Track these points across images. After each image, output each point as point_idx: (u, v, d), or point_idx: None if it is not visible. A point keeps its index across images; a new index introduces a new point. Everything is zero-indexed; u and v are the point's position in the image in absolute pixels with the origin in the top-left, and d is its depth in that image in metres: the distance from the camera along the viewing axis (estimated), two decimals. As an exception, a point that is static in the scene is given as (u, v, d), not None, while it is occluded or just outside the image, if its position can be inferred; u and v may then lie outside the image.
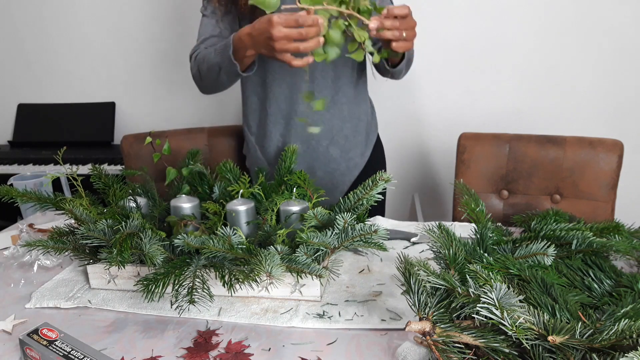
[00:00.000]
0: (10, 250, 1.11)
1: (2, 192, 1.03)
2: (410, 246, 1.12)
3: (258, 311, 0.88)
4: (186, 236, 0.91)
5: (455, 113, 2.21)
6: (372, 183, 0.96)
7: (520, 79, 2.15)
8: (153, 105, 2.55)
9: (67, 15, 2.46)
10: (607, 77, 2.09)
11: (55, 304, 0.93)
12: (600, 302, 0.78)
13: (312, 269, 0.83)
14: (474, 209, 0.99)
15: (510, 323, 0.62)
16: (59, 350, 0.72)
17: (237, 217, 0.98)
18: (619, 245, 0.88)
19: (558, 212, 1.05)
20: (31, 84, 2.61)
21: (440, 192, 2.31)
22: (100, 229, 0.94)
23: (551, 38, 2.07)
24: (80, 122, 2.54)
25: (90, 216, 0.98)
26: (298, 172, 1.07)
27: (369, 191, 0.95)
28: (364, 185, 0.97)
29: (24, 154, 2.44)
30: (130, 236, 0.89)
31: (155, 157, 1.14)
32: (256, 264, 0.81)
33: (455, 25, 2.12)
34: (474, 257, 0.84)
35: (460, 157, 1.51)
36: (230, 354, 0.77)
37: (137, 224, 0.93)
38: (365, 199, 0.96)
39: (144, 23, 2.38)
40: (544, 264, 0.83)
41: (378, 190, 0.95)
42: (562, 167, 1.43)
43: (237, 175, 1.12)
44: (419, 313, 0.70)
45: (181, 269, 0.87)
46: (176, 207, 1.04)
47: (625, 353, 0.57)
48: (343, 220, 0.89)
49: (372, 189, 0.95)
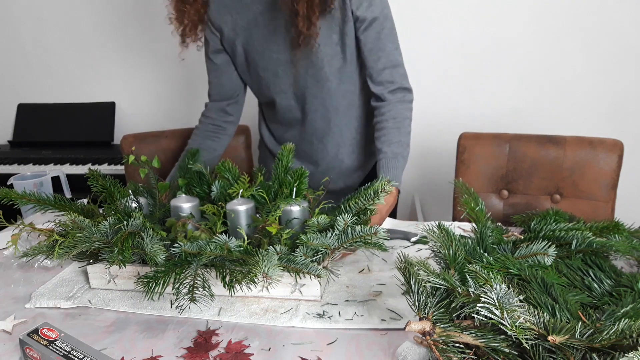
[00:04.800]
0: (10, 250, 1.11)
1: (2, 194, 1.03)
2: (410, 246, 1.12)
3: (258, 311, 0.88)
4: (184, 239, 0.91)
5: (455, 113, 2.21)
6: (373, 194, 0.95)
7: (520, 79, 2.15)
8: (153, 105, 2.55)
9: (67, 15, 2.46)
10: (607, 77, 2.09)
11: (55, 304, 0.93)
12: (600, 302, 0.77)
13: (311, 269, 0.83)
14: (474, 208, 0.99)
15: (510, 323, 0.62)
16: (59, 350, 0.72)
17: (237, 217, 0.98)
18: (619, 245, 0.88)
19: (558, 212, 1.06)
20: (31, 84, 2.61)
21: (440, 192, 2.31)
22: (102, 230, 0.93)
23: (551, 38, 2.08)
24: (80, 122, 2.54)
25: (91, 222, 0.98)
26: (295, 170, 1.06)
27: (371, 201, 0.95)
28: (366, 194, 0.96)
29: (24, 154, 2.45)
30: (131, 235, 0.89)
31: (142, 173, 1.14)
32: (253, 265, 0.81)
33: (455, 25, 2.12)
34: (473, 256, 0.84)
35: (460, 157, 1.51)
36: (230, 353, 0.77)
37: (138, 223, 0.93)
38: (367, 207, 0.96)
39: (144, 23, 2.38)
40: (544, 264, 0.83)
41: (380, 201, 0.95)
42: (562, 167, 1.43)
43: (236, 175, 1.12)
44: (419, 313, 0.70)
45: (182, 268, 0.87)
46: (176, 207, 1.04)
47: (625, 353, 0.57)
48: (344, 222, 0.89)
49: (374, 199, 0.95)
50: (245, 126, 1.77)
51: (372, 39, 1.15)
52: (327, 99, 1.25)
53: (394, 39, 1.18)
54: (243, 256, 0.86)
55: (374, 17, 1.13)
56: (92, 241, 0.91)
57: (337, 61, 1.19)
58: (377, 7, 1.13)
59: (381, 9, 1.14)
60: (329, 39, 1.15)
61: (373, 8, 1.13)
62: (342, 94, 1.25)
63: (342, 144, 1.32)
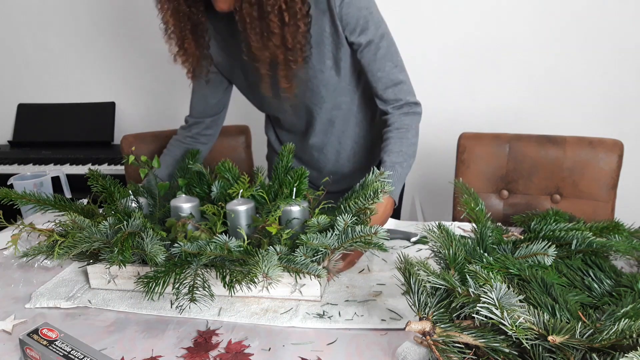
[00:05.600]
0: (10, 250, 1.11)
1: (2, 194, 1.03)
2: (410, 246, 1.12)
3: (258, 311, 0.88)
4: (184, 240, 0.91)
5: (455, 113, 2.21)
6: (373, 194, 0.95)
7: (520, 79, 2.15)
8: (153, 105, 2.55)
9: (67, 15, 2.46)
10: (607, 77, 2.09)
11: (55, 304, 0.93)
12: (600, 302, 0.77)
13: (311, 269, 0.83)
14: (474, 208, 0.99)
15: (510, 323, 0.62)
16: (59, 350, 0.72)
17: (237, 218, 0.98)
18: (619, 245, 0.88)
19: (558, 212, 1.06)
20: (31, 84, 2.61)
21: (440, 192, 2.31)
22: (102, 230, 0.94)
23: (551, 38, 2.07)
24: (80, 122, 2.54)
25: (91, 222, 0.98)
26: (295, 170, 1.06)
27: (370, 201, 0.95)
28: (365, 195, 0.96)
29: (24, 154, 2.45)
30: (131, 235, 0.89)
31: (142, 173, 1.14)
32: (253, 265, 0.81)
33: (455, 25, 2.12)
34: (473, 257, 0.84)
35: (460, 157, 1.51)
36: (230, 353, 0.77)
37: (138, 223, 0.93)
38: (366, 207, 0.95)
39: (144, 23, 2.38)
40: (544, 264, 0.83)
41: (380, 201, 0.95)
42: (562, 167, 1.43)
43: (235, 175, 1.12)
44: (419, 313, 0.70)
45: (182, 268, 0.87)
46: (176, 207, 1.04)
47: (625, 353, 0.57)
48: (343, 222, 0.89)
49: (374, 200, 0.95)
50: (245, 126, 1.77)
51: (370, 61, 1.13)
52: (325, 114, 1.26)
53: (392, 57, 1.14)
54: (243, 256, 0.86)
55: (369, 40, 1.10)
56: (92, 241, 0.92)
57: (332, 83, 1.19)
58: (371, 30, 1.10)
59: (375, 31, 1.10)
60: (322, 65, 1.14)
61: (367, 32, 1.10)
62: (338, 107, 1.25)
63: (341, 150, 1.33)
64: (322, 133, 1.30)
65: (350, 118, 1.28)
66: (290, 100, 1.22)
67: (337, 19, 1.08)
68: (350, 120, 1.29)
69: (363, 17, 1.08)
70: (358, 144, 1.33)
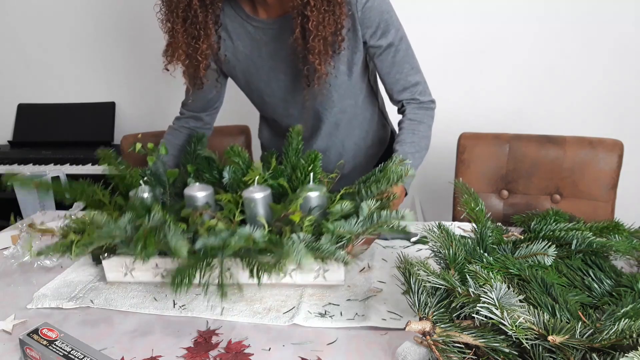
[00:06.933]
0: (10, 250, 1.11)
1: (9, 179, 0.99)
2: (410, 246, 1.12)
3: (259, 311, 0.88)
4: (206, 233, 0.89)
5: (455, 113, 2.21)
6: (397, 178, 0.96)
7: (520, 79, 2.15)
8: (153, 105, 2.55)
9: (67, 15, 2.46)
10: (606, 77, 2.09)
11: (57, 304, 0.93)
12: (600, 302, 0.78)
13: (338, 255, 0.83)
14: (474, 208, 0.99)
15: (510, 323, 0.62)
16: (59, 350, 0.72)
17: (255, 206, 0.96)
18: (619, 245, 0.88)
19: (558, 212, 1.05)
20: (31, 84, 2.61)
21: (440, 192, 2.31)
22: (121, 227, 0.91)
23: (551, 38, 2.07)
24: (80, 122, 2.54)
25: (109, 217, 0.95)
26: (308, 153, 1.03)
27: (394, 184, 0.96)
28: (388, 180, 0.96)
29: (24, 154, 2.45)
30: (153, 230, 0.88)
31: (150, 161, 1.12)
32: (284, 255, 0.80)
33: (455, 25, 2.12)
34: (473, 257, 0.84)
35: (460, 157, 1.51)
36: (230, 353, 0.77)
37: (159, 217, 0.91)
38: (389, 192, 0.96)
39: (144, 23, 2.38)
40: (544, 264, 0.83)
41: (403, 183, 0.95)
42: (562, 167, 1.43)
43: (245, 160, 1.07)
44: (419, 313, 0.70)
45: (209, 260, 0.85)
46: (190, 196, 1.00)
47: (625, 353, 0.57)
48: (367, 207, 0.89)
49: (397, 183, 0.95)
50: (245, 126, 1.77)
51: (389, 64, 1.13)
52: (332, 118, 1.25)
53: (409, 58, 1.15)
54: (268, 246, 0.85)
55: (389, 43, 1.11)
56: (112, 238, 0.89)
57: (344, 87, 1.18)
58: (391, 33, 1.10)
59: (395, 34, 1.10)
60: (337, 70, 1.14)
61: (388, 35, 1.09)
62: (344, 110, 1.25)
63: (343, 152, 1.34)
64: (327, 137, 1.29)
65: (353, 120, 1.29)
66: (299, 104, 1.22)
67: (358, 23, 1.07)
68: (353, 122, 1.29)
69: (384, 20, 1.08)
70: (358, 145, 1.33)
